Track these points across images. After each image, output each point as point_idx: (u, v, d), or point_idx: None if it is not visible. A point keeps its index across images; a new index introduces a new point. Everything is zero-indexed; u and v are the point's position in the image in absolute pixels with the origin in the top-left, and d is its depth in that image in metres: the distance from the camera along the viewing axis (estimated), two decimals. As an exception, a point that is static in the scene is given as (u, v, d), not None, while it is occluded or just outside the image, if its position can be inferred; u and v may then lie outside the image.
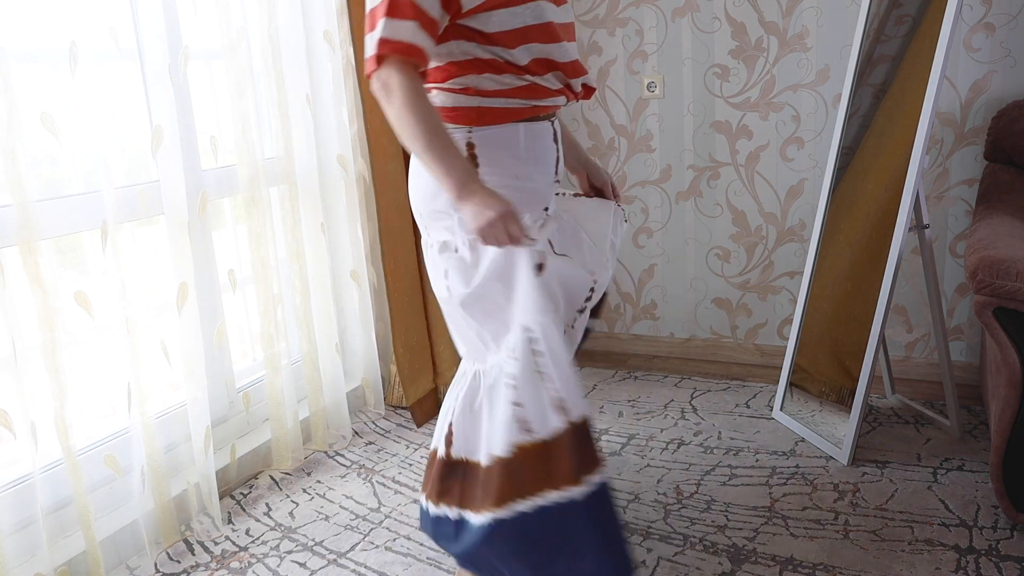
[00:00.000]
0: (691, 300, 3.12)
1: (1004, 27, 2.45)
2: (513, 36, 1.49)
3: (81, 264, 2.04)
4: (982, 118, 2.53)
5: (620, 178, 3.11)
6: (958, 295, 2.69)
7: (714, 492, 2.16)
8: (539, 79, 1.54)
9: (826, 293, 2.47)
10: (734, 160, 2.91)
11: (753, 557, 1.86)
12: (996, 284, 1.75)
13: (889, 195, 2.23)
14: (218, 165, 2.30)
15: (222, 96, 2.31)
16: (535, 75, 1.54)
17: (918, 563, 1.80)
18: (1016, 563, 1.77)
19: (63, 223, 1.88)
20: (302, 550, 2.03)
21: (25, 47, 1.85)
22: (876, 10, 2.39)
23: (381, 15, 1.42)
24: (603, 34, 3.00)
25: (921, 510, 2.01)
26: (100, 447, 2.05)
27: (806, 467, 2.26)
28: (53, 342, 1.74)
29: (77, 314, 1.95)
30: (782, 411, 2.55)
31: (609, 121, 3.07)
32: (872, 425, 2.47)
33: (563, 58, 1.56)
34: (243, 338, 2.60)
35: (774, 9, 2.73)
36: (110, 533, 1.96)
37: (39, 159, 1.95)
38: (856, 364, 2.28)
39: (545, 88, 1.56)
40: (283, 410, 2.40)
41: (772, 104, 2.81)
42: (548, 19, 1.51)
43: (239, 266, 2.47)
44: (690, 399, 2.78)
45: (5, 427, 1.72)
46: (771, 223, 2.91)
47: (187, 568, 1.97)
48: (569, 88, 1.61)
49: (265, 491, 2.34)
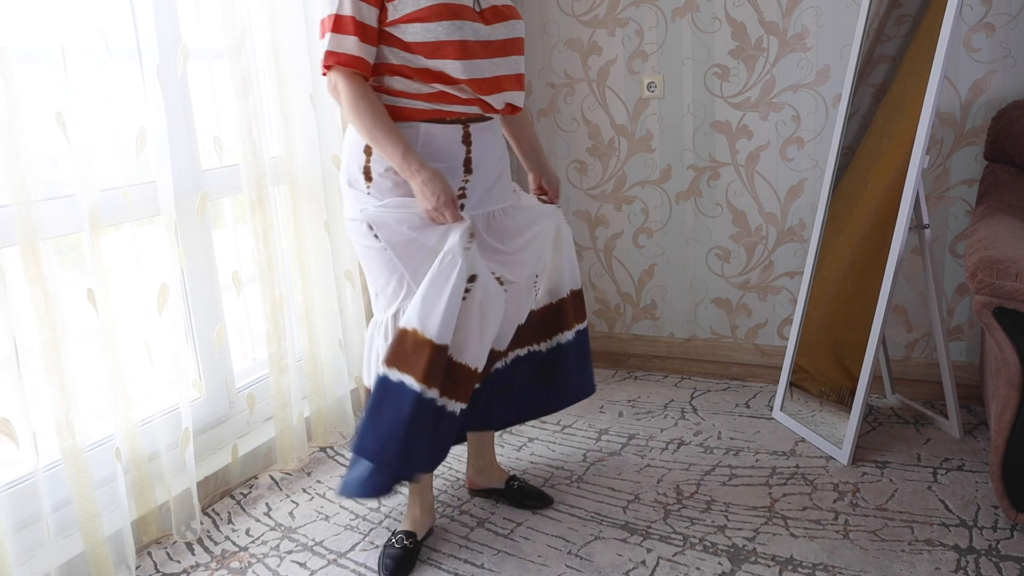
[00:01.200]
0: (691, 300, 3.12)
1: (1004, 27, 2.45)
2: (426, 48, 1.70)
3: (81, 264, 2.03)
4: (982, 118, 2.53)
5: (620, 178, 3.11)
6: (958, 295, 2.69)
7: (714, 492, 2.16)
8: (448, 88, 1.75)
9: (826, 293, 2.47)
10: (734, 160, 2.91)
11: (753, 557, 1.86)
12: (996, 284, 1.75)
13: (889, 195, 2.23)
14: (222, 164, 2.30)
15: (227, 96, 2.32)
16: (444, 84, 1.74)
17: (918, 563, 1.80)
18: (1016, 563, 1.77)
19: (62, 223, 1.88)
20: (302, 550, 2.03)
21: (25, 47, 1.85)
22: (876, 10, 2.39)
23: (328, 28, 1.69)
24: (603, 34, 3.00)
25: (921, 510, 2.01)
26: (100, 447, 2.05)
27: (806, 467, 2.26)
28: (54, 342, 1.74)
29: (77, 314, 1.95)
30: (782, 411, 2.55)
31: (609, 121, 3.07)
32: (872, 425, 2.47)
33: (473, 74, 1.73)
34: (243, 338, 2.60)
35: (774, 9, 2.73)
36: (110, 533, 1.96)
37: (40, 159, 1.95)
38: (856, 364, 2.28)
39: (453, 96, 1.76)
40: (288, 409, 2.41)
41: (772, 104, 2.81)
42: (464, 38, 1.70)
43: (241, 266, 2.46)
44: (690, 399, 2.78)
45: (5, 430, 1.72)
46: (771, 223, 2.91)
47: (187, 568, 1.97)
48: (483, 102, 1.79)
49: (265, 491, 2.34)
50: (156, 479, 2.10)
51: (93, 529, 1.85)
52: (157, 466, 2.12)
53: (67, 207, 1.89)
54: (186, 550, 2.05)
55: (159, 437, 2.10)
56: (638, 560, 1.88)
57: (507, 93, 1.82)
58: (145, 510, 2.05)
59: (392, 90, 1.76)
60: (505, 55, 1.79)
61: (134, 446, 2.00)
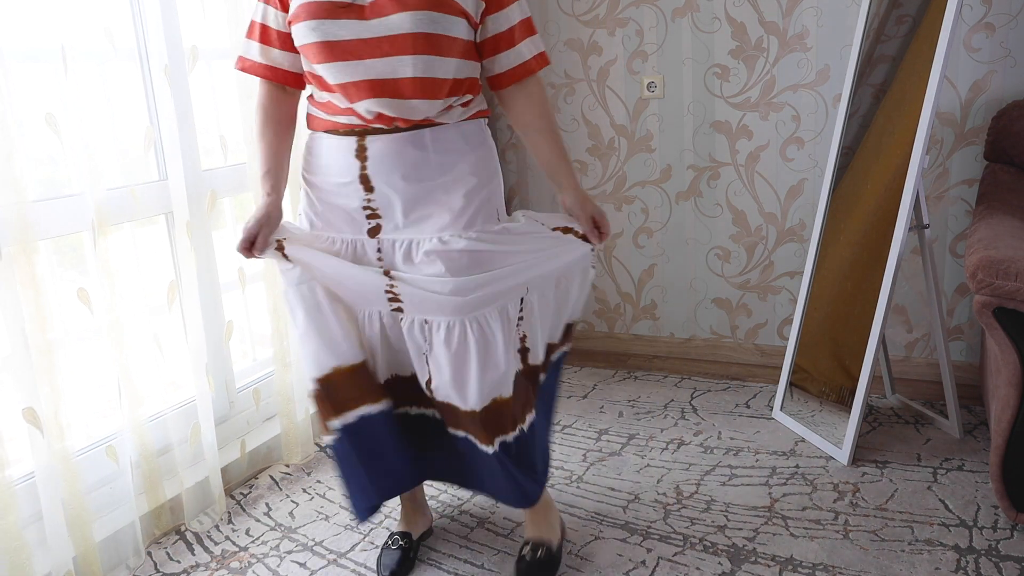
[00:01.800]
0: (691, 300, 3.12)
1: (1004, 27, 2.45)
2: (304, 51, 1.57)
3: (81, 264, 2.04)
4: (982, 118, 2.53)
5: (620, 178, 3.11)
6: (958, 295, 2.69)
7: (714, 492, 2.16)
8: (331, 97, 1.59)
9: (826, 293, 2.47)
10: (734, 160, 2.91)
11: (753, 557, 1.86)
12: (996, 284, 1.75)
13: (889, 195, 2.23)
14: (227, 164, 2.30)
15: (231, 96, 2.32)
16: (328, 92, 1.59)
17: (918, 563, 1.80)
18: (1016, 563, 1.77)
19: (62, 223, 1.88)
20: (302, 550, 2.03)
21: (24, 47, 1.85)
22: (876, 10, 2.39)
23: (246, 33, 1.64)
24: (603, 34, 3.00)
25: (921, 510, 2.01)
26: (100, 446, 2.05)
27: (806, 467, 2.26)
28: (48, 343, 1.73)
29: (77, 314, 1.95)
30: (782, 411, 2.55)
31: (609, 121, 3.07)
32: (872, 425, 2.47)
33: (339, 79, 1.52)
34: (243, 338, 2.60)
35: (774, 9, 2.73)
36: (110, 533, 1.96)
37: (40, 159, 1.95)
38: (856, 364, 2.28)
39: (336, 105, 1.60)
40: (292, 405, 2.42)
41: (772, 104, 2.81)
42: (324, 38, 1.50)
43: (243, 265, 2.47)
44: (690, 399, 2.78)
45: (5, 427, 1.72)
46: (771, 223, 2.91)
47: (187, 568, 1.97)
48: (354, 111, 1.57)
49: (265, 491, 2.34)
50: (167, 472, 2.15)
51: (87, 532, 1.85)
52: (168, 460, 2.17)
53: (70, 207, 1.89)
54: (186, 550, 2.05)
55: (170, 432, 2.14)
56: (638, 560, 1.88)
57: (372, 101, 1.52)
58: (156, 503, 2.08)
59: (310, 99, 1.68)
60: (381, 55, 1.50)
61: (143, 441, 2.01)
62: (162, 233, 2.19)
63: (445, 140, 1.62)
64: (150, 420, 2.09)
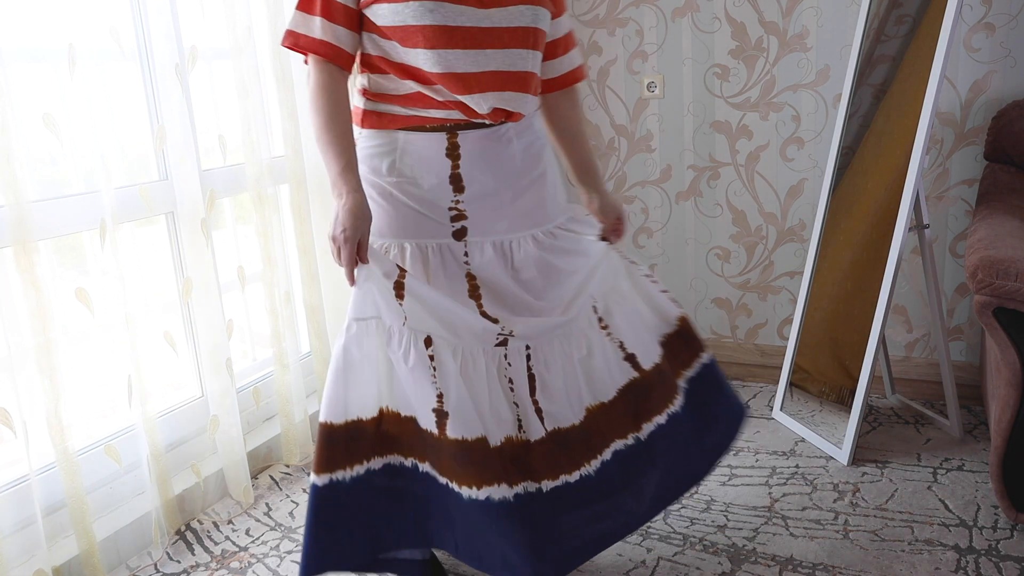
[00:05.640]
0: (691, 300, 3.12)
1: (1004, 27, 2.45)
2: (398, 33, 1.41)
3: (82, 264, 2.04)
4: (982, 118, 2.53)
5: (620, 178, 3.11)
6: (958, 295, 2.69)
7: (714, 492, 2.16)
8: (424, 88, 1.45)
9: (826, 293, 2.47)
10: (734, 160, 2.91)
11: (753, 557, 1.86)
12: (996, 284, 1.75)
13: (889, 195, 2.23)
14: (226, 164, 2.31)
15: (230, 96, 2.33)
16: (419, 83, 1.45)
17: (918, 563, 1.80)
18: (1016, 563, 1.77)
19: (61, 223, 1.88)
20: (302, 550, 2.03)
21: (25, 47, 1.85)
22: (876, 10, 2.39)
23: (296, 5, 1.46)
24: (603, 34, 3.00)
25: (921, 510, 2.01)
26: (99, 446, 2.05)
27: (806, 467, 2.26)
28: (48, 343, 1.74)
29: (77, 313, 1.96)
30: (782, 411, 2.56)
31: (609, 121, 3.07)
32: (872, 425, 2.47)
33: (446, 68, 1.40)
34: (243, 338, 2.60)
35: (774, 9, 2.73)
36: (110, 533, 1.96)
37: (40, 160, 1.95)
38: (856, 364, 2.28)
39: (431, 98, 1.46)
40: (291, 406, 2.42)
41: (772, 104, 2.81)
42: (438, 22, 1.39)
43: (244, 264, 2.47)
44: (690, 399, 2.77)
45: (5, 426, 1.72)
46: (771, 223, 2.91)
47: (187, 568, 1.97)
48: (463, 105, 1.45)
49: (265, 491, 2.34)
50: (180, 465, 2.17)
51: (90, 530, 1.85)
52: (180, 454, 2.19)
53: (70, 206, 1.89)
54: (186, 550, 2.05)
55: (182, 427, 2.16)
56: (638, 560, 1.88)
57: (494, 94, 1.46)
58: (161, 501, 2.08)
59: (371, 92, 1.52)
60: (501, 47, 1.44)
61: (153, 439, 2.02)
62: (162, 233, 2.19)
63: (527, 135, 1.59)
64: (159, 416, 2.12)
